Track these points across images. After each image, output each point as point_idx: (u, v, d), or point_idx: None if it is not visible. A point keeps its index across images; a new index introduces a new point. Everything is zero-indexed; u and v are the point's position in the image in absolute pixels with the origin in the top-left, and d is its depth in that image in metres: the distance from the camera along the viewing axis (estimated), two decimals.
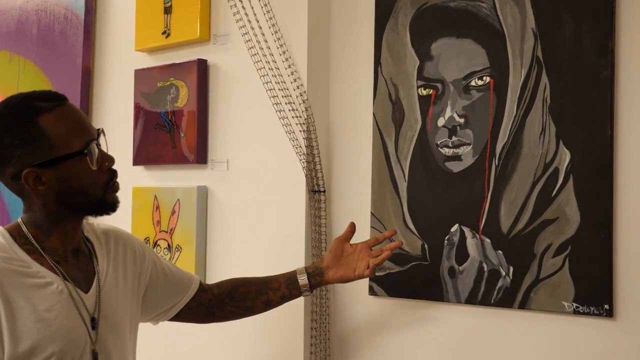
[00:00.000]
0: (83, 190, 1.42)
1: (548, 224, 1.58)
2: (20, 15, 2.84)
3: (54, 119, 1.39)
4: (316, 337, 1.91)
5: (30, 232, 1.43)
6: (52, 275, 1.40)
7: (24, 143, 1.37)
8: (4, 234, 1.41)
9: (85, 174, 1.41)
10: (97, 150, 1.43)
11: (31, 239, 1.42)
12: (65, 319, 1.38)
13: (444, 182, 1.75)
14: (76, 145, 1.40)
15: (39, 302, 1.36)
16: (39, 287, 1.38)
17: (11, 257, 1.38)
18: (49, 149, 1.37)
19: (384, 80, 1.87)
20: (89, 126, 1.46)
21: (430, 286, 1.75)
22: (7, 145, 1.37)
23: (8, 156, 1.38)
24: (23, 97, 1.42)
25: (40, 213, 1.42)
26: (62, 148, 1.38)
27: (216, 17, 2.18)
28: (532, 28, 1.63)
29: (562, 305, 1.55)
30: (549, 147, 1.59)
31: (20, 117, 1.38)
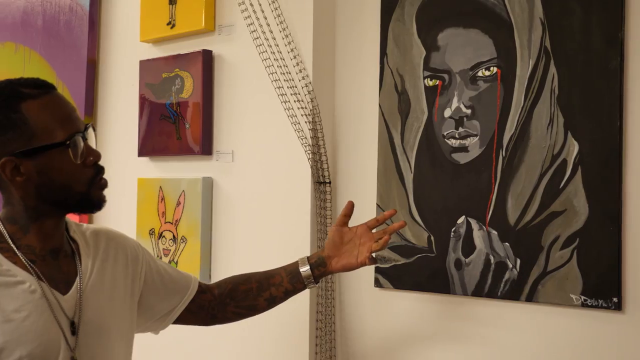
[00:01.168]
0: (65, 185, 1.34)
1: (556, 216, 1.56)
2: (26, 6, 2.83)
3: (38, 106, 1.31)
4: (321, 329, 1.90)
5: (6, 229, 1.35)
6: (24, 274, 1.31)
7: (3, 130, 1.29)
8: None
9: (67, 167, 1.33)
10: (82, 143, 1.34)
11: (6, 236, 1.34)
12: (36, 320, 1.29)
13: (451, 174, 1.73)
14: (59, 136, 1.31)
15: (6, 301, 1.28)
16: (7, 286, 1.29)
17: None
18: (30, 137, 1.29)
19: (390, 71, 1.85)
20: (76, 118, 1.37)
21: (437, 278, 1.74)
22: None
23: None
24: (8, 82, 1.35)
25: (18, 207, 1.34)
26: (44, 138, 1.30)
27: (221, 8, 2.16)
28: (540, 18, 1.60)
29: (570, 298, 1.53)
30: (557, 139, 1.57)
31: (2, 102, 1.31)
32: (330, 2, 1.98)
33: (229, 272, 2.09)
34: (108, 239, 1.51)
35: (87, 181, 1.36)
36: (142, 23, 2.36)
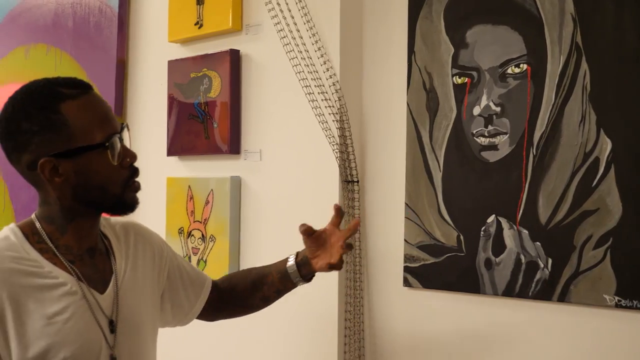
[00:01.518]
0: (101, 186, 1.34)
1: (588, 215, 1.54)
2: (57, 8, 2.88)
3: (77, 107, 1.31)
4: (350, 329, 1.90)
5: (44, 229, 1.35)
6: (65, 275, 1.32)
7: (43, 130, 1.29)
8: (16, 232, 1.34)
9: (104, 168, 1.33)
10: (119, 144, 1.34)
11: (45, 237, 1.34)
12: (77, 322, 1.31)
13: (480, 172, 1.71)
14: (98, 137, 1.31)
15: (49, 304, 1.29)
16: (50, 288, 1.30)
17: (21, 256, 1.30)
18: (69, 139, 1.29)
19: (418, 69, 1.84)
20: (113, 119, 1.37)
21: (466, 278, 1.72)
22: (25, 131, 1.29)
23: (25, 143, 1.30)
24: (46, 82, 1.34)
25: (55, 207, 1.35)
26: (83, 139, 1.30)
27: (248, 7, 2.17)
28: (571, 13, 1.58)
29: (604, 299, 1.51)
30: (589, 136, 1.54)
31: (41, 103, 1.30)
32: (357, 1, 1.98)
33: None
34: (136, 234, 1.53)
35: (122, 183, 1.37)
36: (170, 23, 2.37)
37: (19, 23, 3.08)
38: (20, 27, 3.07)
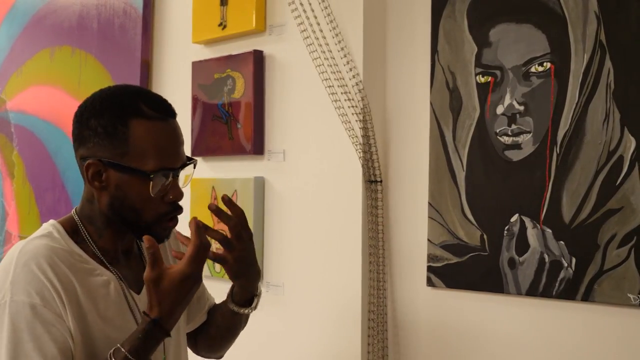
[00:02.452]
0: (135, 209, 1.33)
1: (612, 214, 1.55)
2: (81, 10, 2.91)
3: (145, 128, 1.31)
4: (373, 328, 1.92)
5: (84, 227, 1.38)
6: (109, 273, 1.36)
7: (105, 134, 1.30)
8: (58, 228, 1.36)
9: (143, 195, 1.32)
10: (168, 180, 1.33)
11: (86, 236, 1.37)
12: (119, 320, 1.34)
13: (504, 171, 1.72)
14: (149, 165, 1.30)
15: (98, 299, 1.33)
16: (98, 284, 1.34)
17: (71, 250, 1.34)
18: (123, 154, 1.30)
19: (441, 68, 1.85)
20: (175, 154, 1.35)
21: (490, 277, 1.74)
22: (91, 128, 1.31)
23: (87, 138, 1.32)
24: (134, 92, 1.37)
25: (96, 208, 1.36)
26: (134, 160, 1.30)
27: (272, 8, 2.19)
28: (595, 11, 1.59)
29: (628, 298, 1.52)
30: (613, 134, 1.55)
31: (116, 110, 1.31)
32: (380, 0, 2.00)
33: (280, 271, 2.13)
34: None
35: (157, 215, 1.35)
36: (194, 25, 2.41)
37: (44, 25, 3.12)
38: (45, 29, 3.11)
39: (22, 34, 3.27)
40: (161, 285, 1.26)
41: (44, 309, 1.26)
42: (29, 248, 1.31)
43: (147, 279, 1.27)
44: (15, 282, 1.27)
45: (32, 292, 1.26)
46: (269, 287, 2.15)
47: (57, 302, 1.27)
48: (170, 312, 1.28)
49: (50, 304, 1.26)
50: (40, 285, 1.26)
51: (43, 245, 1.31)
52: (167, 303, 1.27)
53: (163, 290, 1.26)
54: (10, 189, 3.31)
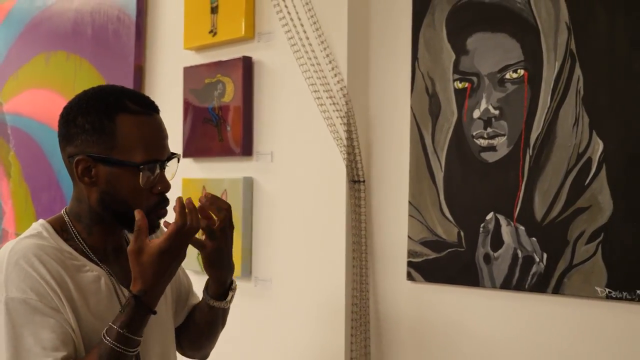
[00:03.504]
0: (125, 202, 1.32)
1: (581, 212, 1.57)
2: (76, 16, 2.90)
3: (131, 123, 1.31)
4: (356, 320, 1.93)
5: (73, 226, 1.37)
6: (99, 269, 1.35)
7: (92, 131, 1.30)
8: (47, 227, 1.35)
9: (132, 188, 1.31)
10: (156, 171, 1.33)
11: (74, 234, 1.36)
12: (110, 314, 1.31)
13: (479, 172, 1.75)
14: (137, 157, 1.30)
15: (91, 296, 1.32)
16: (91, 281, 1.33)
17: (60, 248, 1.32)
18: (111, 148, 1.30)
19: (421, 75, 1.87)
20: (161, 147, 1.35)
21: (466, 272, 1.76)
22: (78, 125, 1.31)
23: (74, 136, 1.31)
24: (119, 90, 1.36)
25: (85, 205, 1.35)
26: (123, 153, 1.30)
27: (260, 16, 2.20)
28: (566, 22, 1.61)
29: (595, 291, 1.54)
30: (582, 138, 1.58)
31: (102, 107, 1.31)
32: (364, 10, 2.01)
33: (268, 266, 2.14)
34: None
35: (147, 208, 1.34)
36: (185, 31, 2.41)
37: (40, 31, 3.10)
38: (41, 34, 3.10)
39: (18, 39, 3.26)
40: (141, 258, 1.26)
41: (40, 303, 1.25)
42: (18, 247, 1.29)
43: (129, 251, 1.27)
44: (9, 281, 1.25)
45: (26, 288, 1.25)
46: (257, 282, 2.16)
47: (52, 297, 1.26)
48: (152, 285, 1.26)
49: (45, 298, 1.25)
50: (33, 282, 1.25)
51: (32, 244, 1.30)
52: (147, 275, 1.26)
53: (143, 262, 1.26)
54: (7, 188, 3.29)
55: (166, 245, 1.27)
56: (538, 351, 1.65)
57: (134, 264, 1.27)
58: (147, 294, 1.27)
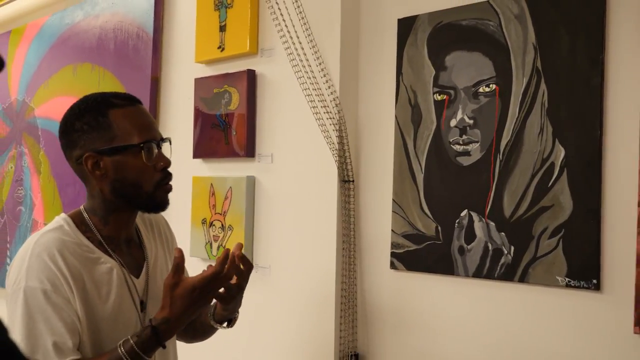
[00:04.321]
0: (135, 183, 1.32)
1: (545, 210, 1.57)
2: (101, 33, 2.88)
3: (122, 114, 1.32)
4: (345, 304, 1.92)
5: (90, 219, 1.35)
6: (112, 261, 1.33)
7: (91, 129, 1.30)
8: (68, 221, 1.34)
9: (138, 167, 1.31)
10: (155, 149, 1.34)
11: (92, 227, 1.35)
12: (121, 302, 1.32)
13: (455, 174, 1.73)
14: (135, 139, 1.31)
15: (102, 285, 1.31)
16: (104, 272, 1.32)
17: (79, 242, 1.31)
18: (111, 138, 1.30)
19: (405, 87, 1.86)
20: (154, 129, 1.37)
21: (443, 262, 1.75)
22: (77, 129, 1.31)
23: (76, 140, 1.32)
24: (101, 93, 1.37)
25: (98, 200, 1.35)
26: (123, 139, 1.30)
27: (263, 34, 2.19)
28: (533, 42, 1.61)
29: (556, 280, 1.54)
30: (546, 145, 1.57)
31: (94, 107, 1.32)
32: (354, 29, 2.00)
33: (267, 255, 2.13)
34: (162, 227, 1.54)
35: (155, 183, 1.34)
36: (197, 47, 2.39)
37: (68, 45, 3.08)
38: (69, 48, 3.08)
39: (49, 52, 3.24)
40: (175, 291, 1.26)
41: (54, 294, 1.24)
42: (42, 241, 1.29)
43: (166, 284, 1.27)
44: (29, 270, 1.25)
45: (44, 279, 1.24)
46: (258, 269, 2.15)
47: (65, 289, 1.25)
48: (176, 316, 1.26)
49: (59, 289, 1.24)
50: (51, 274, 1.25)
51: (55, 238, 1.29)
52: (176, 307, 1.26)
53: (175, 294, 1.26)
54: (37, 183, 3.26)
55: (200, 284, 1.26)
56: (505, 333, 1.64)
57: (167, 294, 1.27)
58: (168, 323, 1.26)
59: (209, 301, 1.31)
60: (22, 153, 3.40)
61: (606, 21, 1.50)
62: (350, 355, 1.91)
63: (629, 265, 1.44)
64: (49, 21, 3.24)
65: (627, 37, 1.47)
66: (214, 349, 2.20)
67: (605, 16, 1.50)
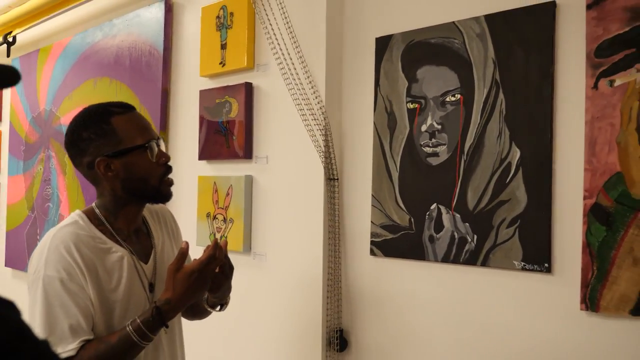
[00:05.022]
0: (143, 179, 1.31)
1: (503, 204, 1.56)
2: (117, 51, 2.87)
3: (123, 120, 1.31)
4: (331, 287, 1.91)
5: (102, 214, 1.34)
6: (122, 250, 1.33)
7: (98, 137, 1.29)
8: (82, 217, 1.33)
9: (145, 164, 1.31)
10: (156, 147, 1.34)
11: (103, 220, 1.33)
12: (131, 285, 1.32)
13: (426, 173, 1.73)
14: (139, 140, 1.31)
15: (113, 271, 1.30)
16: (113, 260, 1.31)
17: (91, 235, 1.30)
18: (118, 142, 1.29)
19: (382, 97, 1.85)
20: (151, 130, 1.36)
21: (415, 249, 1.74)
22: (85, 139, 1.30)
23: (85, 147, 1.30)
24: (99, 104, 1.35)
25: (109, 197, 1.34)
26: (128, 142, 1.30)
27: (259, 52, 2.17)
28: (492, 58, 1.60)
29: (513, 264, 1.53)
30: (504, 147, 1.57)
31: (97, 117, 1.31)
32: (338, 47, 1.99)
33: (263, 244, 2.12)
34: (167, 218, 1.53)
35: (159, 177, 1.34)
36: (201, 63, 2.38)
37: (89, 61, 3.06)
38: (90, 64, 3.06)
39: (72, 67, 3.21)
40: (177, 275, 1.27)
41: (70, 282, 1.23)
42: (60, 234, 1.28)
43: (169, 269, 1.27)
44: (48, 261, 1.24)
45: (60, 269, 1.23)
46: (255, 256, 2.14)
47: (80, 277, 1.24)
48: (178, 297, 1.27)
49: (74, 278, 1.23)
50: (67, 264, 1.24)
51: (71, 232, 1.28)
52: (177, 289, 1.26)
53: (177, 278, 1.27)
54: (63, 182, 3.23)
55: (197, 267, 1.28)
56: (469, 310, 1.64)
57: (170, 278, 1.27)
58: (170, 303, 1.26)
59: (205, 285, 1.31)
60: (49, 156, 3.37)
61: (555, 39, 1.50)
62: (335, 330, 1.90)
63: (576, 251, 1.44)
64: (72, 41, 3.21)
65: (574, 53, 1.47)
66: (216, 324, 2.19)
67: (555, 35, 1.50)
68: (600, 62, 1.41)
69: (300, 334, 1.96)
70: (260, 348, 2.11)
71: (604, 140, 1.39)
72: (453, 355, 1.67)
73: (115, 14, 2.95)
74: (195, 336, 2.34)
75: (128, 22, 2.80)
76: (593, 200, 1.40)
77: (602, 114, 1.40)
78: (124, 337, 1.22)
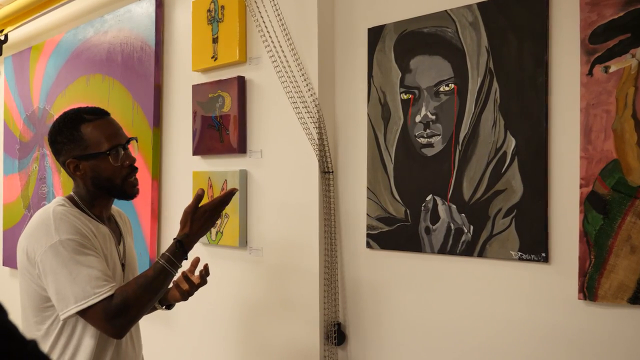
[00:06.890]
0: (108, 179, 1.46)
1: (499, 194, 1.55)
2: (109, 47, 2.83)
3: (92, 127, 1.44)
4: (327, 279, 1.90)
5: (80, 202, 1.48)
6: (105, 228, 1.47)
7: (69, 141, 1.44)
8: (67, 202, 1.46)
9: (109, 167, 1.44)
10: (122, 152, 1.46)
11: (82, 206, 1.47)
12: (113, 260, 1.47)
13: (421, 164, 1.71)
14: (104, 147, 1.43)
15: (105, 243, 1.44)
16: (104, 233, 1.46)
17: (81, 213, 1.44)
18: (85, 147, 1.43)
19: (375, 88, 1.83)
20: (119, 134, 1.48)
21: (411, 241, 1.73)
22: (59, 142, 1.45)
23: (60, 149, 1.46)
24: (76, 110, 1.47)
25: (83, 190, 1.48)
26: (94, 148, 1.43)
27: (250, 45, 2.14)
28: (486, 46, 1.58)
29: (510, 254, 1.52)
30: (499, 136, 1.55)
31: (69, 124, 1.44)
32: (330, 39, 1.96)
33: (259, 238, 2.10)
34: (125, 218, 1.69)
35: (122, 178, 1.47)
36: (193, 57, 2.35)
37: (81, 58, 3.03)
38: (82, 61, 3.03)
39: (65, 64, 3.17)
40: (194, 215, 1.43)
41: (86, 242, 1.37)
42: (58, 210, 1.40)
43: (187, 211, 1.43)
44: (59, 229, 1.35)
45: (74, 232, 1.36)
46: (251, 251, 2.12)
47: (89, 239, 1.39)
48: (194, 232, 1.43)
49: (89, 240, 1.38)
50: (77, 229, 1.37)
51: (65, 209, 1.42)
52: (195, 225, 1.43)
53: (195, 217, 1.43)
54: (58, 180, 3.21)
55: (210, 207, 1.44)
56: (466, 301, 1.62)
57: (187, 217, 1.43)
58: (188, 237, 1.42)
59: (213, 223, 1.46)
60: (44, 154, 3.34)
61: (549, 26, 1.47)
62: (333, 324, 1.89)
63: (573, 240, 1.42)
64: (64, 38, 3.17)
65: (568, 40, 1.44)
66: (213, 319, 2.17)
67: (549, 22, 1.47)
68: (594, 48, 1.38)
69: (298, 328, 1.95)
70: (257, 343, 2.09)
71: (600, 128, 1.37)
72: (451, 347, 1.65)
73: (106, 10, 2.91)
74: (193, 331, 2.32)
75: (119, 17, 2.76)
76: (589, 189, 1.38)
77: (598, 100, 1.37)
78: (159, 268, 1.38)
